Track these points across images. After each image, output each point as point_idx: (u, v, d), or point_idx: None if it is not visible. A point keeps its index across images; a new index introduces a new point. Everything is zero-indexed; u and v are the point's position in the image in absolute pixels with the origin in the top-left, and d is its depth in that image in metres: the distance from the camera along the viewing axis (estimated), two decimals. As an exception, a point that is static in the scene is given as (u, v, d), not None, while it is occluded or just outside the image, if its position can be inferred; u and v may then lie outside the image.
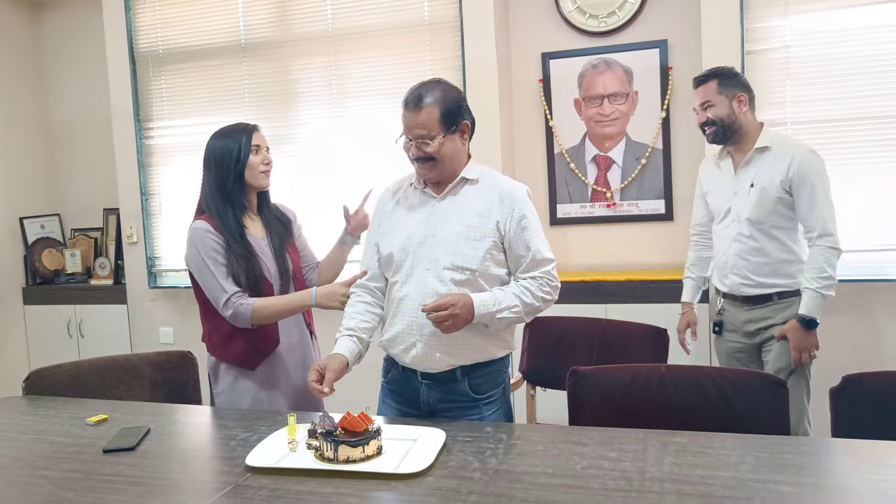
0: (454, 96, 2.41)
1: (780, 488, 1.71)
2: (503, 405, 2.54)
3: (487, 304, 2.34)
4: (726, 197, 3.24)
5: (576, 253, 4.62)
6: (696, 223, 3.52)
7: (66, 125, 5.77)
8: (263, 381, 2.76)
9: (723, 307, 3.35)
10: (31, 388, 2.83)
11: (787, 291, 3.15)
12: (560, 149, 4.58)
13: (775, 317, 3.15)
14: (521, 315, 2.40)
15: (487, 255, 2.40)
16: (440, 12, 4.52)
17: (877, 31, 3.87)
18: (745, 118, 3.18)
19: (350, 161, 4.73)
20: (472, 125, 2.47)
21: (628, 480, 1.80)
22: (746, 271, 3.17)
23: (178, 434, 2.40)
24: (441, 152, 2.38)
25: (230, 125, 2.81)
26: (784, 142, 3.19)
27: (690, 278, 3.53)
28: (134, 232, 5.18)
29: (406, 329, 2.43)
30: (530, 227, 2.43)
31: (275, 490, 1.86)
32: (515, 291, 2.39)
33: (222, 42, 4.97)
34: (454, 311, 2.26)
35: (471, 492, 1.79)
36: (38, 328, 5.52)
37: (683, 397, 2.37)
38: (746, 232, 3.15)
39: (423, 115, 2.36)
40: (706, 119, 3.20)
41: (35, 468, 2.10)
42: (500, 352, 2.49)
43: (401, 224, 2.50)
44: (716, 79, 3.19)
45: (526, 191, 2.50)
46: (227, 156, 2.72)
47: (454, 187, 2.46)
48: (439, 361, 2.41)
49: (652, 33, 4.39)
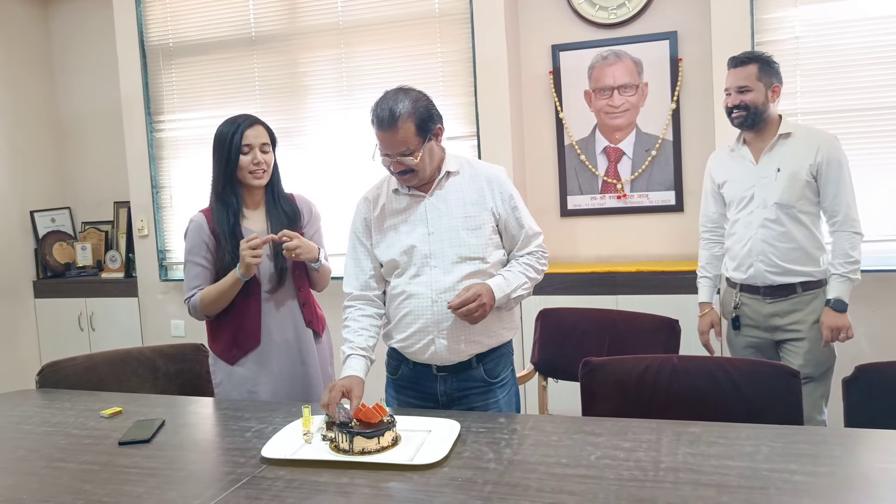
0: (424, 105, 2.37)
1: (794, 477, 1.72)
2: (513, 386, 2.62)
3: (503, 287, 2.40)
4: (749, 184, 3.16)
5: (586, 244, 4.62)
6: (706, 219, 3.45)
7: (76, 118, 5.78)
8: (251, 375, 2.79)
9: (741, 301, 3.25)
10: (44, 381, 2.85)
11: (811, 282, 3.10)
12: (570, 140, 4.58)
13: (801, 310, 3.10)
14: (530, 290, 2.51)
15: (489, 241, 2.44)
16: (450, 4, 4.52)
17: (887, 22, 3.86)
18: (773, 109, 3.14)
19: (360, 153, 4.72)
20: (443, 124, 2.45)
21: (643, 470, 1.80)
22: (774, 257, 3.09)
23: (193, 426, 2.42)
24: (422, 163, 2.38)
25: (231, 117, 2.82)
26: (806, 129, 3.18)
27: (706, 277, 3.45)
28: (145, 225, 5.19)
29: (423, 327, 2.43)
30: (518, 205, 2.50)
31: (291, 481, 1.87)
32: (521, 270, 2.47)
33: (232, 35, 4.97)
34: (482, 301, 2.31)
35: (486, 482, 1.80)
36: (49, 321, 5.54)
37: (696, 388, 2.37)
38: (774, 216, 3.08)
39: (400, 134, 2.31)
40: (739, 102, 3.12)
41: (52, 460, 2.12)
42: (509, 333, 2.57)
43: (395, 230, 2.49)
44: (756, 63, 3.11)
45: (503, 171, 2.57)
46: (220, 153, 2.76)
47: (439, 182, 2.47)
48: (459, 353, 2.44)
49: (662, 25, 4.38)
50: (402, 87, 2.41)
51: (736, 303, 3.27)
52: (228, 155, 2.74)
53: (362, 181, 4.60)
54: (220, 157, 2.76)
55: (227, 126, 2.78)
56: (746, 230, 3.17)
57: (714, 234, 3.42)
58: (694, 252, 4.32)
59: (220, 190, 2.78)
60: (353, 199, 2.69)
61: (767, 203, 3.10)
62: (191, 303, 2.78)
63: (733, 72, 3.16)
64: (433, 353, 2.43)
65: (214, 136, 2.80)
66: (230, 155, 2.73)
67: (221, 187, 2.78)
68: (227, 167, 2.75)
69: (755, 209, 3.14)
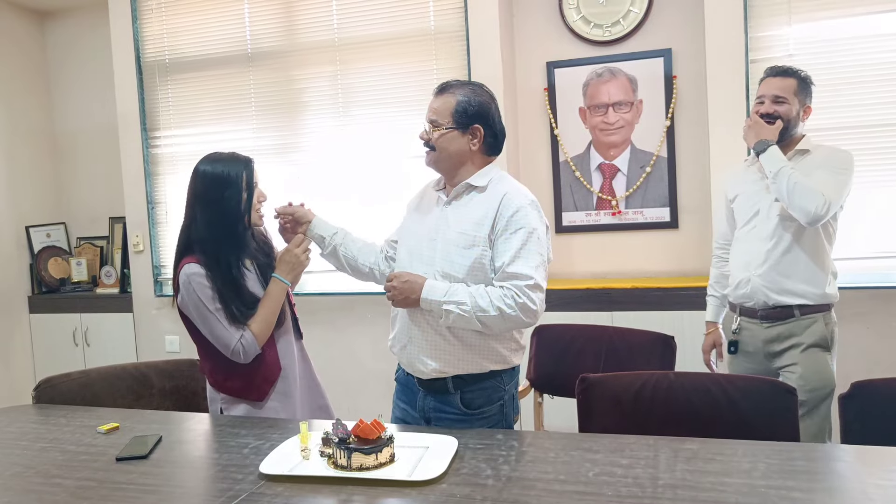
0: (480, 100, 2.39)
1: (791, 494, 1.72)
2: (499, 423, 2.47)
3: (437, 291, 2.30)
4: (756, 199, 3.08)
5: (581, 261, 4.64)
6: (719, 238, 3.38)
7: (72, 134, 5.80)
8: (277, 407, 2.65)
9: (740, 325, 3.16)
10: (40, 397, 2.84)
11: (809, 306, 2.99)
12: (565, 157, 4.60)
13: (798, 335, 2.99)
14: (470, 317, 2.27)
15: (476, 264, 2.35)
16: (446, 22, 4.55)
17: (880, 40, 3.90)
18: (801, 128, 3.07)
19: (356, 170, 4.74)
20: (492, 136, 2.43)
21: (641, 487, 1.81)
22: (773, 272, 2.99)
23: (190, 442, 2.41)
24: (440, 143, 2.39)
25: (226, 157, 2.59)
26: (825, 148, 3.08)
27: (714, 296, 3.39)
28: (140, 241, 5.19)
29: (401, 329, 2.49)
30: (516, 238, 2.31)
31: (289, 497, 1.87)
32: (472, 291, 2.29)
33: (228, 52, 4.99)
34: (393, 283, 2.36)
35: (484, 498, 1.80)
36: (44, 337, 5.53)
37: (692, 404, 2.38)
38: (776, 230, 2.99)
39: (439, 101, 2.40)
40: (773, 111, 3.00)
41: (49, 476, 2.11)
42: (492, 365, 2.41)
43: (413, 225, 2.56)
44: (796, 79, 3.02)
45: (530, 202, 2.37)
46: (232, 197, 2.54)
47: (459, 193, 2.45)
48: (426, 366, 2.42)
49: (656, 42, 4.42)
50: (482, 83, 2.49)
51: (735, 328, 3.18)
52: (249, 198, 2.56)
53: (358, 197, 4.65)
54: (231, 197, 2.53)
55: (230, 164, 2.57)
56: (746, 244, 3.10)
57: (725, 251, 3.33)
58: (689, 269, 4.35)
59: (239, 233, 2.58)
60: (349, 215, 2.71)
61: (771, 215, 3.02)
62: (244, 343, 2.52)
63: (772, 81, 3.05)
64: (405, 359, 2.48)
65: (209, 176, 2.55)
66: (249, 198, 2.56)
67: (231, 230, 2.56)
68: (239, 208, 2.55)
69: (759, 223, 3.06)
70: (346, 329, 4.51)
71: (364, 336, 4.47)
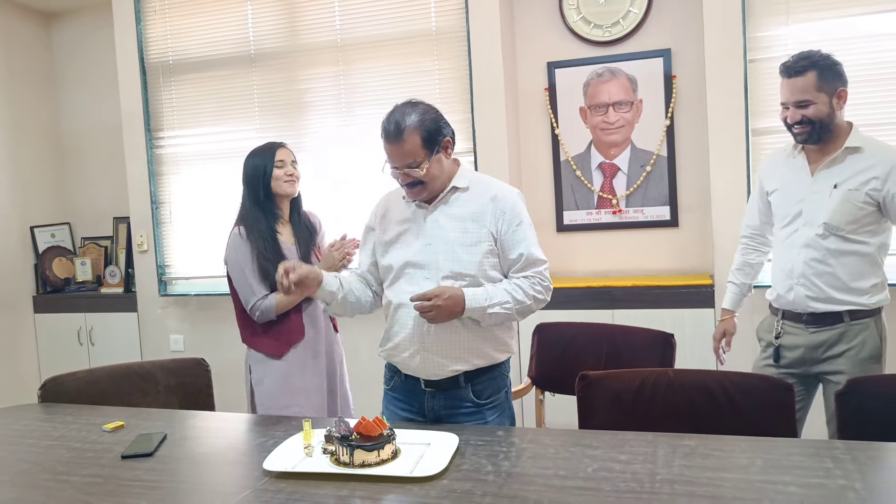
0: (431, 116, 2.40)
1: (788, 489, 1.75)
2: (506, 409, 2.57)
3: (479, 298, 2.36)
4: (798, 199, 2.83)
5: (582, 259, 4.66)
6: (748, 225, 3.15)
7: (76, 135, 5.82)
8: (297, 366, 3.04)
9: (783, 329, 2.91)
10: (46, 396, 2.87)
11: (860, 311, 2.75)
12: (566, 156, 4.62)
13: (846, 342, 2.75)
14: (512, 312, 2.41)
15: (484, 260, 2.42)
16: (447, 22, 4.57)
17: (878, 40, 3.90)
18: (840, 117, 2.76)
19: (359, 170, 4.76)
20: (453, 137, 2.47)
21: (639, 482, 1.83)
22: (818, 281, 2.77)
23: (195, 439, 2.44)
24: (429, 175, 2.39)
25: (260, 145, 3.13)
26: (879, 145, 2.79)
27: (734, 283, 3.18)
28: (144, 240, 5.22)
29: (408, 337, 2.46)
30: (522, 229, 2.45)
31: (292, 494, 1.90)
32: (507, 288, 2.41)
33: (232, 52, 5.01)
34: (437, 303, 2.30)
35: (485, 494, 1.82)
36: (49, 336, 5.56)
37: (691, 401, 2.40)
38: (822, 238, 2.75)
39: (406, 146, 2.34)
40: (800, 118, 2.74)
41: (55, 473, 2.14)
42: (501, 355, 2.52)
43: (398, 238, 2.53)
44: (815, 70, 2.70)
45: (518, 194, 2.52)
46: (257, 172, 3.05)
47: (445, 196, 2.48)
48: (442, 367, 2.44)
49: (656, 42, 4.44)
50: (411, 100, 2.45)
51: (778, 331, 2.92)
52: (265, 169, 3.04)
53: (361, 197, 4.67)
54: (256, 175, 3.05)
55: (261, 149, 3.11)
56: (789, 250, 2.86)
57: (753, 240, 3.15)
58: (689, 267, 4.37)
59: (261, 200, 3.04)
60: (352, 214, 2.73)
61: (815, 222, 2.77)
62: (265, 304, 2.96)
63: (788, 83, 2.78)
64: (417, 364, 2.46)
65: (246, 161, 3.10)
66: (266, 169, 3.04)
67: (263, 196, 3.05)
68: (263, 180, 3.04)
69: (801, 227, 2.82)
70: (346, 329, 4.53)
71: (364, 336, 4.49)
